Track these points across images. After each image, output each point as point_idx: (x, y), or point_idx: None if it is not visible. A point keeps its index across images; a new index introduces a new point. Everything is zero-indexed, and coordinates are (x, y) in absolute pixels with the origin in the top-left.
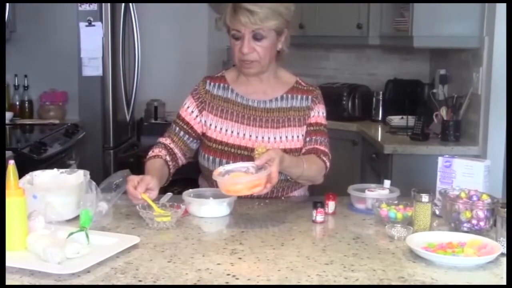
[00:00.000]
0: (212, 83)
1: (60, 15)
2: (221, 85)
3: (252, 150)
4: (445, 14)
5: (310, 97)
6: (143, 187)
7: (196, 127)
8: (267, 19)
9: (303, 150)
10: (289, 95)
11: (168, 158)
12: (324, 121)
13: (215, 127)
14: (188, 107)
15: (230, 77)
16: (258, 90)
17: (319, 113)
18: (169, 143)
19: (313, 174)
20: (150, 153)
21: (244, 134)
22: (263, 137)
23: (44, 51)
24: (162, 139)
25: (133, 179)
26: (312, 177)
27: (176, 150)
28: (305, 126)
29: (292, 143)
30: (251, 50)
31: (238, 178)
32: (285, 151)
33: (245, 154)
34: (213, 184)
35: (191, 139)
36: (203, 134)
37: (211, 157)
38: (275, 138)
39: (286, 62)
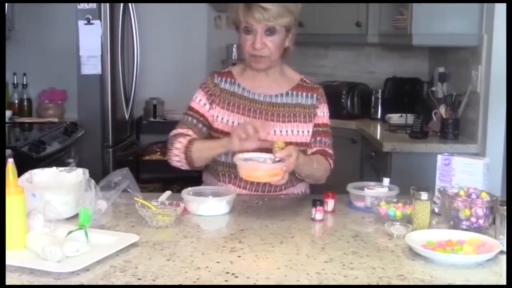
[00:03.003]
0: (219, 77)
1: (59, 13)
2: (228, 79)
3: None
4: (444, 12)
5: (315, 95)
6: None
7: (210, 120)
8: (279, 16)
9: (313, 150)
10: (294, 92)
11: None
12: (329, 121)
13: (222, 119)
14: (200, 100)
15: (236, 72)
16: (264, 85)
17: (324, 113)
18: (192, 134)
19: (320, 174)
20: (183, 141)
21: None
22: (269, 130)
23: (43, 49)
24: (182, 131)
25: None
26: (318, 177)
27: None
28: (311, 123)
29: (298, 137)
30: (263, 45)
31: (260, 165)
32: (291, 144)
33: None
34: (218, 176)
35: (207, 131)
36: (211, 126)
37: None
38: (281, 132)
39: (288, 60)
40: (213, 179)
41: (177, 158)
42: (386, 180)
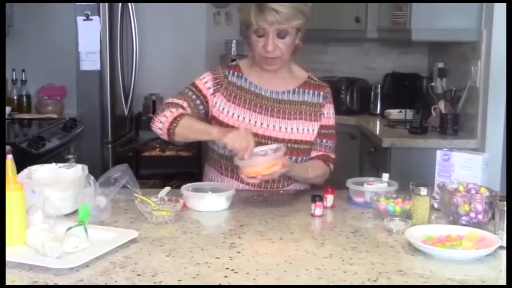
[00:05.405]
0: (228, 70)
1: (58, 9)
2: (236, 73)
3: (263, 137)
4: (443, 7)
5: (321, 93)
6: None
7: (210, 103)
8: (292, 18)
9: (317, 153)
10: (301, 90)
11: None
12: (333, 122)
13: (228, 112)
14: (206, 81)
15: (244, 66)
16: (271, 82)
17: (330, 114)
18: (186, 107)
19: (317, 180)
20: (174, 111)
21: (255, 122)
22: (274, 126)
23: (42, 45)
24: (177, 101)
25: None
26: (314, 183)
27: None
28: (317, 123)
29: (303, 136)
30: (275, 48)
31: (257, 159)
32: (297, 142)
33: (255, 140)
34: (221, 169)
35: (203, 111)
36: (214, 117)
37: None
38: (286, 129)
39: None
40: (215, 172)
41: (160, 125)
42: (385, 176)
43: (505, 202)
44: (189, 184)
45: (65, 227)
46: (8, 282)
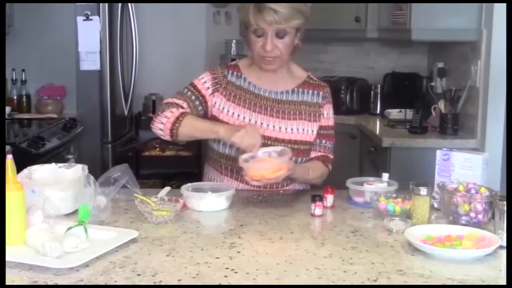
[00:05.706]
0: (227, 70)
1: (58, 9)
2: (235, 73)
3: (263, 137)
4: (443, 7)
5: (321, 93)
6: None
7: (208, 104)
8: (291, 19)
9: (316, 154)
10: (300, 90)
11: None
12: (333, 122)
13: (228, 111)
14: (205, 81)
15: (243, 66)
16: (270, 82)
17: (329, 115)
18: (186, 107)
19: (317, 181)
20: (174, 112)
21: (255, 121)
22: (274, 126)
23: (42, 45)
24: (177, 101)
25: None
26: (314, 183)
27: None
28: (316, 123)
29: (303, 136)
30: (273, 47)
31: (263, 164)
32: (296, 142)
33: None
34: (221, 169)
35: (202, 112)
36: (214, 117)
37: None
38: (286, 129)
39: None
40: (215, 172)
41: (161, 125)
42: (385, 176)
43: (505, 202)
44: (189, 184)
45: (65, 227)
46: (8, 282)
